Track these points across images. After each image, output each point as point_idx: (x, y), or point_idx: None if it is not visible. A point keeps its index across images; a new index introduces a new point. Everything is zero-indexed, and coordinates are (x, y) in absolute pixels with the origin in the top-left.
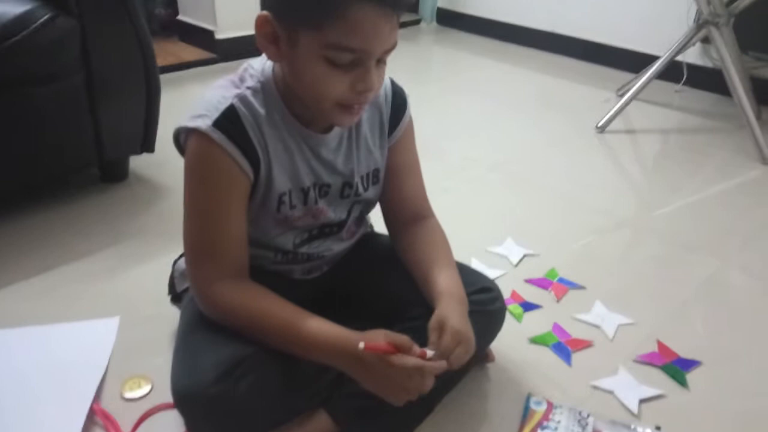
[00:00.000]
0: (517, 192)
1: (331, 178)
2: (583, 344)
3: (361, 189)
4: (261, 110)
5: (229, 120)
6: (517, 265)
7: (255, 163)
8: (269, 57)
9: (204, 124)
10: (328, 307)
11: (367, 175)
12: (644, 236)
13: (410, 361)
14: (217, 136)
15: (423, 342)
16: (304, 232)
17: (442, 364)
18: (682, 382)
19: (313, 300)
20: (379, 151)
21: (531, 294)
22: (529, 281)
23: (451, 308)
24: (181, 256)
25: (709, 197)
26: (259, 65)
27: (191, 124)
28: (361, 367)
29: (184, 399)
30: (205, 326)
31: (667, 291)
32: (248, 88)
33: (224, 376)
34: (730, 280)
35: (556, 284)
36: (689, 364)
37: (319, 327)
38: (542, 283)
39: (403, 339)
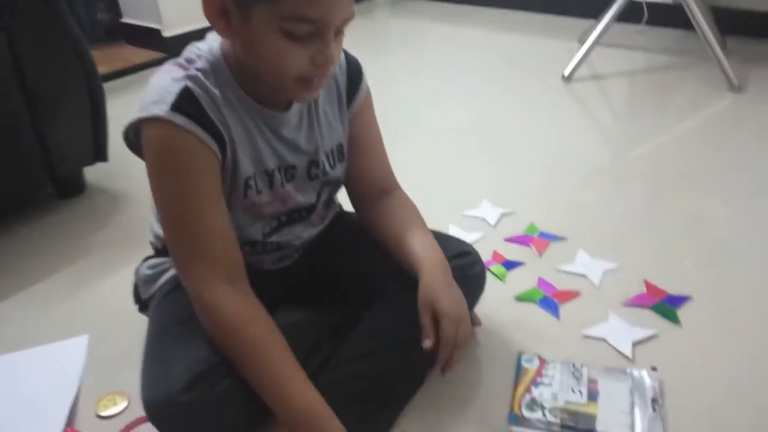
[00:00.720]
0: (490, 153)
1: (296, 159)
2: (570, 295)
3: (327, 167)
4: (215, 91)
5: (186, 102)
6: (495, 225)
7: (221, 144)
8: (220, 34)
9: (161, 110)
10: (302, 295)
11: (332, 151)
12: (621, 181)
13: None
14: (179, 119)
15: (408, 315)
16: (272, 220)
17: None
18: (674, 320)
19: (283, 291)
20: (341, 124)
21: (512, 252)
22: (509, 240)
23: (435, 279)
24: (144, 260)
25: (682, 133)
26: (206, 45)
27: (145, 113)
28: None
29: (156, 410)
30: (175, 330)
31: (649, 231)
32: (198, 69)
33: (197, 381)
34: (712, 213)
35: (537, 239)
36: (679, 301)
37: (304, 393)
38: (522, 240)
39: None
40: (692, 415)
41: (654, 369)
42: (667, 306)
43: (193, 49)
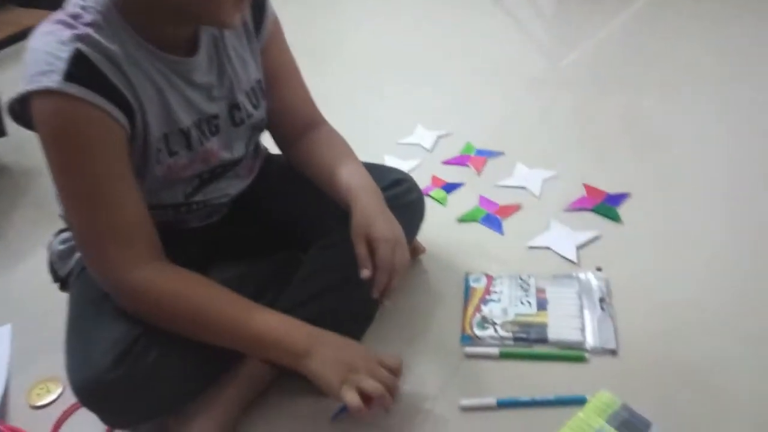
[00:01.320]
0: (420, 78)
1: (215, 107)
2: (512, 210)
3: (250, 108)
4: (112, 47)
5: (80, 68)
6: (432, 149)
7: (128, 111)
8: None
9: (52, 81)
10: (232, 252)
11: (252, 90)
12: (555, 89)
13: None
14: (74, 89)
15: (347, 254)
16: (193, 179)
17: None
18: (615, 218)
19: (213, 248)
20: (252, 58)
21: (451, 174)
22: (446, 162)
23: (368, 206)
24: (57, 234)
25: (611, 33)
26: None
27: (34, 86)
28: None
29: (84, 392)
30: (93, 309)
31: (585, 135)
32: (87, 24)
33: (122, 356)
34: (645, 109)
35: (474, 157)
36: (619, 199)
37: (268, 323)
38: (460, 161)
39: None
40: (640, 310)
41: (599, 269)
42: (607, 206)
43: (76, 1)
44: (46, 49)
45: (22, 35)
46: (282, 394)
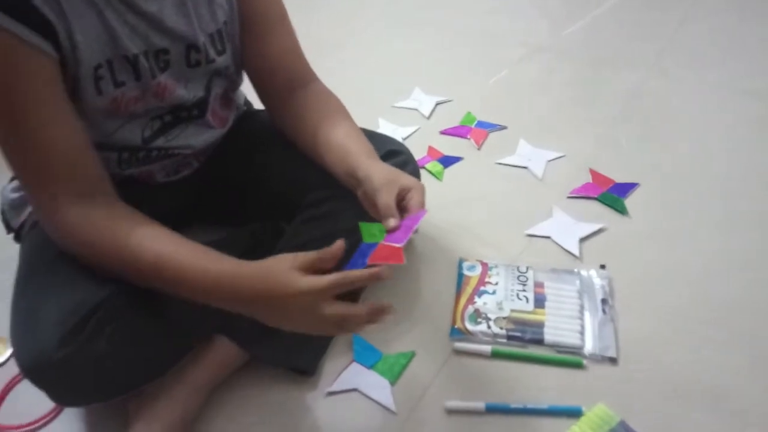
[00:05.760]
0: (419, 36)
1: (166, 41)
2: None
3: (212, 53)
4: None
5: None
6: (429, 116)
7: (49, 33)
8: None
9: None
10: (207, 214)
11: (219, 32)
12: (560, 60)
13: (339, 308)
14: None
15: (335, 228)
16: (153, 121)
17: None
18: (622, 210)
19: (186, 207)
20: None
21: (449, 146)
22: (444, 132)
23: (385, 164)
24: (10, 181)
25: (619, 3)
26: None
27: None
28: (268, 307)
29: (28, 369)
30: (43, 271)
31: (592, 114)
32: None
33: (71, 335)
34: (653, 88)
35: (475, 129)
36: (626, 189)
37: (197, 261)
38: (460, 132)
39: (319, 256)
40: (643, 315)
41: (603, 267)
42: (613, 195)
43: None
44: None
45: None
46: (250, 380)
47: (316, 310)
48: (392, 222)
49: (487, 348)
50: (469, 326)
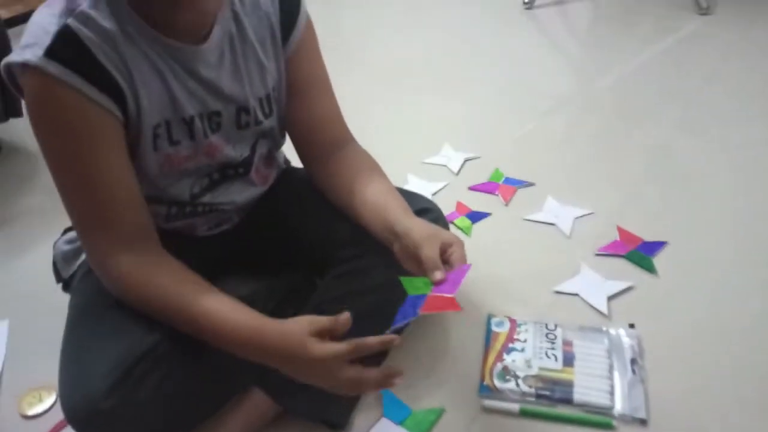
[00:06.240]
0: (450, 92)
1: (219, 104)
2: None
3: (261, 115)
4: (108, 26)
5: (66, 45)
6: (458, 172)
7: (118, 96)
8: None
9: (33, 55)
10: (245, 265)
11: (267, 97)
12: (588, 114)
13: (352, 372)
14: (55, 68)
15: (367, 284)
16: (202, 178)
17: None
18: (650, 269)
19: (225, 259)
20: (275, 64)
21: (477, 202)
22: (473, 188)
23: (419, 220)
24: (64, 233)
25: (648, 59)
26: None
27: (17, 57)
28: (290, 365)
29: (75, 417)
30: (95, 313)
31: (619, 171)
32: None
33: (119, 383)
34: (680, 145)
35: (503, 186)
36: (655, 247)
37: (220, 310)
38: (488, 188)
39: (331, 326)
40: (674, 376)
41: (632, 326)
42: (641, 254)
43: None
44: (40, 22)
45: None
46: (285, 429)
47: (331, 373)
48: (438, 275)
49: (515, 407)
50: (498, 383)
